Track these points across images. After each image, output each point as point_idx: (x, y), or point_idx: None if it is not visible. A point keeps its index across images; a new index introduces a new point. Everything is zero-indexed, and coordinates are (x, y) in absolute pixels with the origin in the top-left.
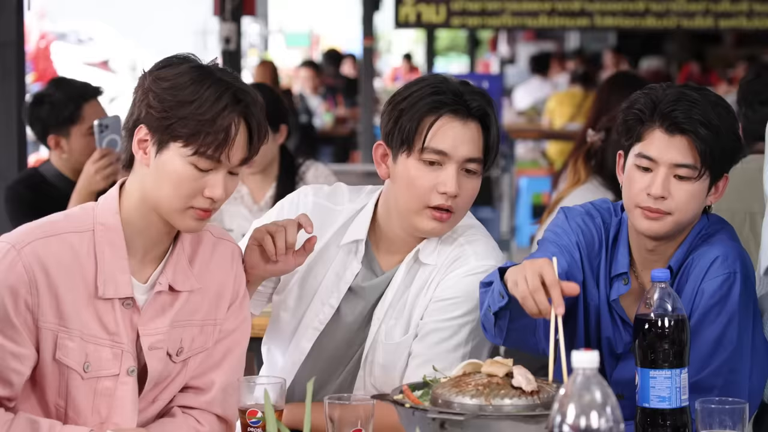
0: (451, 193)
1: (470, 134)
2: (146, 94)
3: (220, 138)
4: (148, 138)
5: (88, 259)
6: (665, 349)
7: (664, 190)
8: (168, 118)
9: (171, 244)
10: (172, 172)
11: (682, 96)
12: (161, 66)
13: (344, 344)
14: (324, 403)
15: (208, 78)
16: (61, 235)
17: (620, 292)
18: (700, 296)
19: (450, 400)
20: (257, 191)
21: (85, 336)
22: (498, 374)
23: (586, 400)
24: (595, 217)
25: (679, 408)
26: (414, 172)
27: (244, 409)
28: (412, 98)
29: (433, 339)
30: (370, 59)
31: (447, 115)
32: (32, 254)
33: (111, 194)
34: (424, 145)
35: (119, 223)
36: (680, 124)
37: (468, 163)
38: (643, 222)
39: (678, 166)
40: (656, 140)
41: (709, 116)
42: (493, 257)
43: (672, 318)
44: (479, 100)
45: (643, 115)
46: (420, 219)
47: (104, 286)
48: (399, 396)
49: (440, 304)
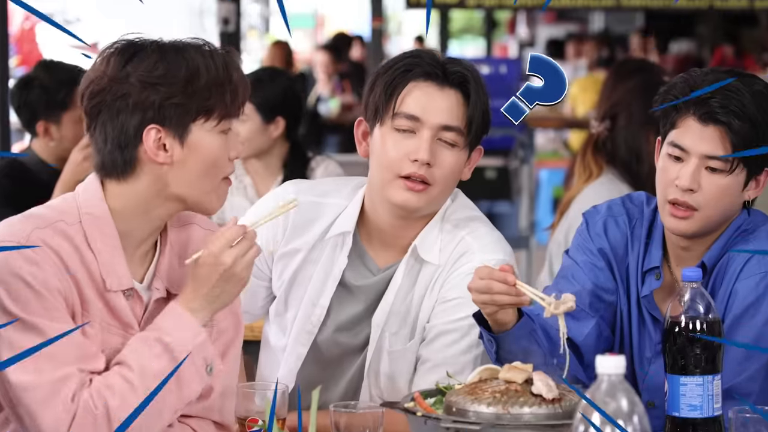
0: (423, 159)
1: (447, 101)
2: (146, 93)
3: (240, 91)
4: (160, 134)
5: (86, 251)
6: (696, 354)
7: (693, 181)
8: (188, 99)
9: (158, 239)
10: (207, 153)
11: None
12: (127, 62)
13: (342, 349)
14: (329, 411)
15: (180, 47)
16: (54, 224)
17: (652, 287)
18: (734, 297)
19: (465, 409)
20: (261, 183)
21: (104, 324)
22: (517, 380)
23: (611, 409)
24: (618, 216)
25: (711, 417)
26: (387, 142)
27: (244, 418)
28: (386, 66)
29: (442, 342)
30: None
31: (419, 78)
32: (40, 241)
33: (91, 183)
34: (395, 111)
35: (107, 211)
36: (714, 114)
37: (444, 131)
38: (671, 220)
39: (709, 157)
40: (689, 129)
41: (748, 107)
42: (500, 250)
43: (704, 320)
44: (461, 67)
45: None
46: (392, 189)
47: (109, 278)
48: (410, 404)
49: (447, 304)
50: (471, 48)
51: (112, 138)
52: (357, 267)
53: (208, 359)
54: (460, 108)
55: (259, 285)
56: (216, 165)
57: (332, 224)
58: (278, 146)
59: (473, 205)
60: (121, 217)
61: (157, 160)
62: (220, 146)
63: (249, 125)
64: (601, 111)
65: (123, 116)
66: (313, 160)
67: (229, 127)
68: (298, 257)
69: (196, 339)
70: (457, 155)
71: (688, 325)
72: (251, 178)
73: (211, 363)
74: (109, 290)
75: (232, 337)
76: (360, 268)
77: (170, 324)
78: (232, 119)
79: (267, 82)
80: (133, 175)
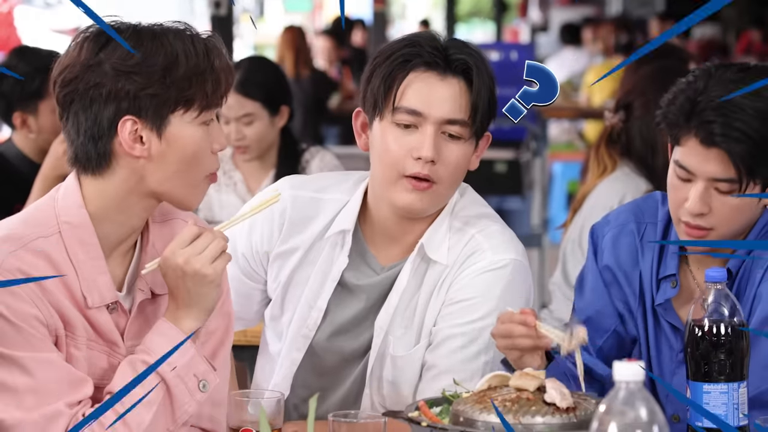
0: (427, 157)
1: (450, 91)
2: (120, 83)
3: (222, 81)
4: (137, 126)
5: (66, 266)
6: (721, 360)
7: (703, 206)
8: (166, 89)
9: (138, 239)
10: (187, 146)
11: (725, 100)
12: (100, 48)
13: (341, 354)
14: (328, 421)
15: (157, 32)
16: (29, 244)
17: (667, 295)
18: (758, 300)
19: (473, 418)
20: (252, 179)
21: (89, 344)
22: (528, 388)
23: (629, 418)
24: (626, 224)
25: (737, 427)
26: (387, 138)
27: (237, 428)
28: (385, 54)
29: (449, 347)
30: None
31: (419, 68)
32: (14, 269)
33: (69, 186)
34: (395, 105)
35: (87, 218)
36: (714, 138)
37: (448, 125)
38: (687, 237)
39: (717, 180)
40: (692, 150)
41: (751, 127)
42: (513, 249)
43: (729, 324)
44: (464, 53)
45: (681, 119)
46: (396, 191)
47: (90, 295)
48: (414, 413)
49: (455, 306)
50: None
51: (85, 129)
52: (358, 265)
53: (200, 375)
54: (464, 97)
55: (254, 288)
56: (197, 159)
57: (332, 221)
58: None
59: (483, 201)
60: (100, 221)
61: (134, 154)
62: (202, 139)
63: (258, 125)
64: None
65: (96, 106)
66: (307, 152)
67: (212, 117)
68: (295, 257)
69: (184, 357)
70: (463, 148)
71: (712, 329)
72: (241, 173)
73: (204, 379)
74: (91, 307)
75: (221, 339)
76: (361, 266)
77: (156, 343)
78: (214, 109)
79: (263, 75)
80: (108, 170)
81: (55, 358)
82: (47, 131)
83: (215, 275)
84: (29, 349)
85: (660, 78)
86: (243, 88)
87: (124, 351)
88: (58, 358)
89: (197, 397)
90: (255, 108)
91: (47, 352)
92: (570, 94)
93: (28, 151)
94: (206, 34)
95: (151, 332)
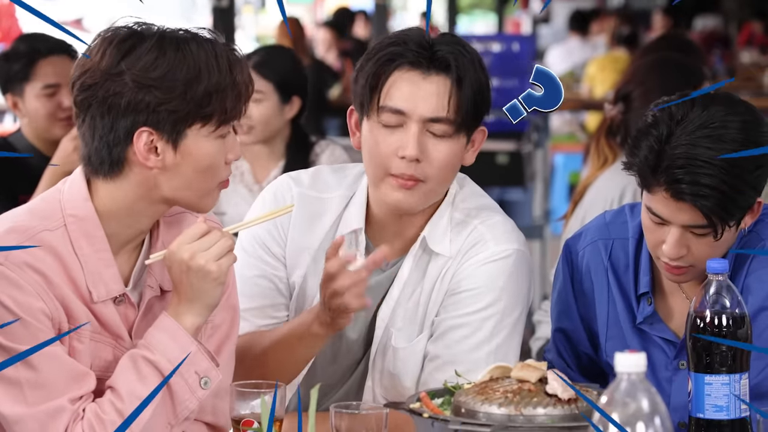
0: (411, 156)
1: (433, 89)
2: (141, 95)
3: (243, 96)
4: (152, 137)
5: (71, 259)
6: (723, 352)
7: (680, 249)
8: (185, 104)
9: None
10: (202, 159)
11: (690, 155)
12: (124, 55)
13: (346, 350)
14: (330, 412)
15: (182, 41)
16: (36, 236)
17: (645, 313)
18: (747, 291)
19: (475, 410)
20: (260, 169)
21: (93, 336)
22: (530, 380)
23: (631, 410)
24: (595, 242)
25: (738, 419)
26: (374, 137)
27: (239, 419)
28: (371, 52)
29: (451, 337)
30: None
31: (403, 67)
32: (20, 262)
33: (75, 180)
34: (380, 105)
35: (93, 211)
36: (684, 195)
37: (432, 123)
38: (668, 275)
39: (690, 227)
40: (663, 201)
41: (721, 180)
42: (515, 240)
43: (730, 315)
44: (450, 49)
45: (647, 171)
46: (384, 189)
47: (95, 289)
48: (416, 404)
49: (457, 296)
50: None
51: (100, 135)
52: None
53: (201, 372)
54: (449, 94)
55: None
56: (211, 170)
57: (339, 219)
58: (284, 129)
59: (483, 192)
60: (107, 219)
61: (147, 164)
62: (217, 151)
63: (266, 105)
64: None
65: (114, 115)
66: (317, 145)
67: (229, 130)
68: (305, 257)
69: (185, 353)
70: (450, 145)
71: (714, 320)
72: (249, 164)
73: (205, 376)
74: (96, 302)
75: (227, 333)
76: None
77: (158, 338)
78: (232, 122)
79: (281, 60)
80: (120, 176)
81: (59, 353)
82: (33, 115)
83: (219, 272)
84: (34, 342)
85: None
86: (259, 67)
87: (129, 345)
88: (62, 352)
89: (198, 394)
90: (266, 88)
91: (52, 346)
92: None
93: (34, 140)
94: (230, 46)
95: (152, 327)
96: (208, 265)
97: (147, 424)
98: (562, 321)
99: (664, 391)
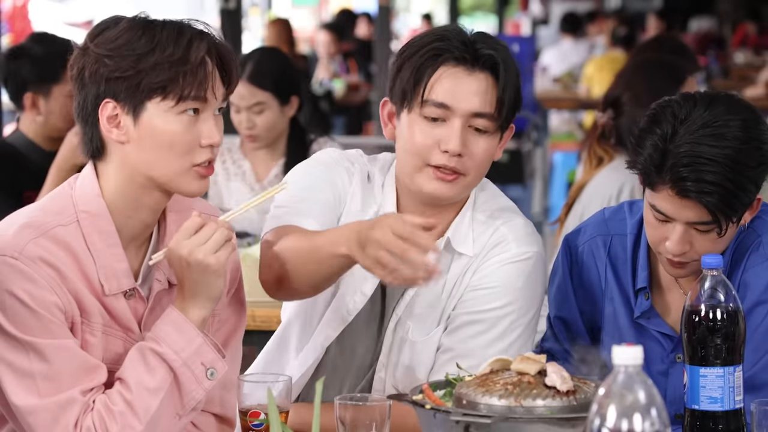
0: (454, 151)
1: (477, 85)
2: (96, 66)
3: (200, 74)
4: (117, 111)
5: (84, 254)
6: (717, 345)
7: (684, 246)
8: (137, 74)
9: (154, 229)
10: (161, 134)
11: (694, 153)
12: (95, 35)
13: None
14: (335, 404)
15: (155, 23)
16: (49, 232)
17: (642, 308)
18: (744, 287)
19: (475, 401)
20: (261, 167)
21: (105, 329)
22: (529, 372)
23: (628, 401)
24: (597, 236)
25: (732, 410)
26: (415, 130)
27: (246, 410)
28: (414, 47)
29: (466, 332)
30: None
31: (448, 63)
32: (35, 256)
33: (87, 176)
34: (424, 98)
35: (105, 207)
36: (689, 192)
37: (475, 118)
38: (670, 269)
39: (695, 223)
40: (667, 199)
41: (725, 177)
42: (535, 242)
43: (725, 309)
44: (492, 48)
45: (652, 169)
46: (422, 178)
47: (107, 283)
48: (418, 396)
49: (477, 293)
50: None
51: (77, 113)
52: None
53: (208, 363)
54: (491, 91)
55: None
56: (174, 147)
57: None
58: (285, 128)
59: (502, 194)
60: (113, 210)
61: (112, 137)
62: (181, 129)
63: (268, 114)
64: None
65: (82, 89)
66: (315, 142)
67: (195, 108)
68: None
69: (191, 345)
70: (489, 140)
71: (708, 314)
72: (250, 161)
73: (212, 367)
74: (108, 295)
75: (234, 326)
76: None
77: (165, 331)
78: (196, 102)
79: (272, 64)
80: (106, 156)
81: (71, 345)
82: (55, 115)
83: (218, 265)
84: (48, 335)
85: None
86: (254, 78)
87: (138, 337)
88: (75, 345)
89: (205, 385)
90: (266, 98)
91: (65, 338)
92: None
93: (36, 137)
94: (207, 30)
95: (159, 320)
96: (206, 259)
97: (155, 414)
98: (562, 310)
99: (660, 384)
